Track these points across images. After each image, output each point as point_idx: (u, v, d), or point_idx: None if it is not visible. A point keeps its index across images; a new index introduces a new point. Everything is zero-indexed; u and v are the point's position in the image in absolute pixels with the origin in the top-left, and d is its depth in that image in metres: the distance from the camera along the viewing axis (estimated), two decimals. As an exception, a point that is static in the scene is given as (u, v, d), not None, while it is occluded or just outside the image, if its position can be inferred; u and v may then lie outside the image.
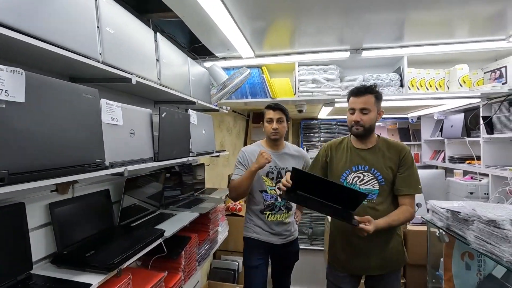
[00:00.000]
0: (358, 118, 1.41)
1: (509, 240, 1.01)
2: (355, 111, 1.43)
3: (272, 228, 1.82)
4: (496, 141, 2.64)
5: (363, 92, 1.42)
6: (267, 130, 1.81)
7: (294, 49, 2.33)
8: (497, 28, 1.98)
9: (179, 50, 1.68)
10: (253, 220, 1.87)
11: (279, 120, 1.79)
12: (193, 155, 1.74)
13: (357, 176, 1.48)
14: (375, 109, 1.43)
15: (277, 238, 1.84)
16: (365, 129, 1.43)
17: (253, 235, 1.85)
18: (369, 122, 1.42)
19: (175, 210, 1.82)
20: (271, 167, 1.82)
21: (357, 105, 1.42)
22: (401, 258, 1.52)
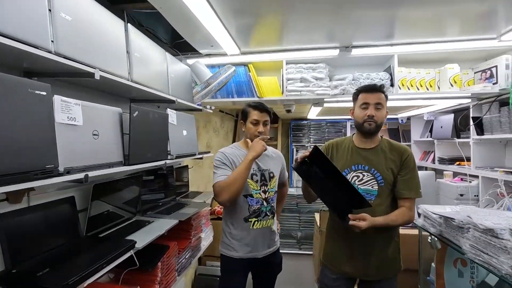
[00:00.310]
0: (373, 113, 1.39)
1: (508, 251, 0.93)
2: (369, 106, 1.40)
3: (257, 238, 1.62)
4: (486, 142, 2.61)
5: (377, 90, 1.42)
6: (251, 132, 1.64)
7: (282, 46, 2.23)
8: (488, 26, 1.93)
9: (156, 45, 1.56)
10: (232, 233, 1.62)
11: (265, 122, 1.66)
12: (171, 157, 1.61)
13: (356, 175, 1.45)
14: (385, 107, 1.43)
15: (261, 250, 1.64)
16: (377, 125, 1.41)
17: (233, 254, 1.61)
18: (381, 119, 1.42)
19: (153, 217, 1.69)
20: (254, 169, 1.66)
21: (372, 100, 1.40)
22: (396, 266, 1.47)
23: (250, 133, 1.64)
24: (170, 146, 1.61)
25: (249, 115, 1.65)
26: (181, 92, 1.86)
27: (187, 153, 1.86)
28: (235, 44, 2.11)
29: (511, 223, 0.97)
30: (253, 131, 1.63)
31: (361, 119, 1.43)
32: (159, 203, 1.93)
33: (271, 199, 1.68)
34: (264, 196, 1.65)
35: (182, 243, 1.84)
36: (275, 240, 1.73)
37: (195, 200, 2.20)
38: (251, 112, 1.64)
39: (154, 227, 1.53)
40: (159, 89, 1.51)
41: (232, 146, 1.72)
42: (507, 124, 2.30)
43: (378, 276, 1.42)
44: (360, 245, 1.42)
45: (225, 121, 4.00)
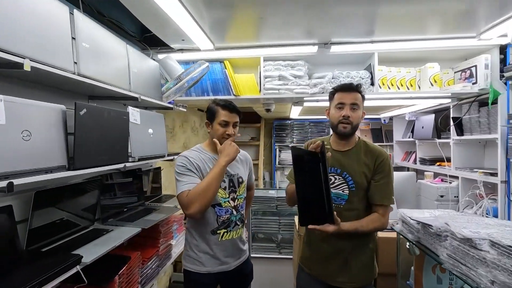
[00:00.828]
0: (349, 113, 1.32)
1: (487, 264, 0.85)
2: (345, 106, 1.33)
3: (227, 250, 1.46)
4: (465, 142, 2.59)
5: (353, 89, 1.35)
6: (219, 134, 1.44)
7: (259, 41, 2.13)
8: (468, 25, 1.89)
9: (114, 36, 1.42)
10: (199, 247, 1.44)
11: (235, 124, 1.48)
12: (133, 160, 1.48)
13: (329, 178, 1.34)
14: (361, 108, 1.37)
15: (231, 262, 1.48)
16: (353, 127, 1.34)
17: (201, 269, 1.43)
18: (357, 120, 1.35)
19: (114, 225, 1.55)
20: None
21: (348, 100, 1.33)
22: (371, 273, 1.42)
23: (218, 135, 1.44)
24: (132, 147, 1.47)
25: (217, 115, 1.45)
26: (147, 89, 1.72)
27: (154, 154, 1.73)
28: (208, 39, 1.99)
29: (490, 232, 0.89)
30: (221, 133, 1.44)
31: (336, 119, 1.35)
32: (124, 209, 1.79)
33: (240, 206, 1.54)
34: (234, 204, 1.49)
35: (148, 252, 1.71)
36: (245, 250, 1.59)
37: (166, 205, 2.06)
38: (219, 111, 1.44)
39: (112, 236, 1.39)
40: (117, 85, 1.36)
41: (196, 148, 1.51)
42: (486, 125, 2.28)
43: (351, 283, 1.36)
44: (333, 250, 1.37)
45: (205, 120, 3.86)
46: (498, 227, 1.00)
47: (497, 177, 2.12)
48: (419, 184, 3.01)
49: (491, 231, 0.91)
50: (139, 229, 1.50)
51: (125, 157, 1.42)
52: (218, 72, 2.33)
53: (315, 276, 1.43)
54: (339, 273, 1.37)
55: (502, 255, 0.79)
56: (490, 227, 1.00)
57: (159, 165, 2.38)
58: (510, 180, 2.04)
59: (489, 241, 0.85)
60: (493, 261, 0.82)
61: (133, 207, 1.88)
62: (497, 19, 1.78)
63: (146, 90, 1.72)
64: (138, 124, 1.55)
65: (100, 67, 1.26)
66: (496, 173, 2.13)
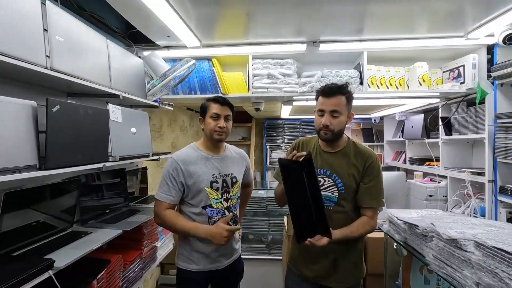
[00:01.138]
0: (328, 122, 1.26)
1: (472, 265, 0.83)
2: (325, 114, 1.28)
3: (219, 250, 1.45)
4: (454, 142, 2.60)
5: (335, 92, 1.26)
6: (210, 128, 1.41)
7: (248, 39, 2.09)
8: (456, 24, 1.89)
9: (93, 31, 1.36)
10: (192, 245, 1.43)
11: (227, 117, 1.45)
12: (114, 159, 1.42)
13: (318, 180, 1.34)
14: (345, 111, 1.29)
15: (222, 261, 1.48)
16: (334, 133, 1.29)
17: (192, 267, 1.43)
18: (339, 126, 1.28)
19: (94, 227, 1.49)
20: (215, 176, 1.44)
21: (328, 106, 1.27)
22: (359, 273, 1.40)
23: (209, 128, 1.41)
24: (112, 146, 1.41)
25: (208, 109, 1.43)
26: (130, 86, 1.66)
27: (137, 154, 1.67)
28: (194, 36, 1.94)
29: (476, 232, 0.87)
30: (213, 126, 1.40)
31: (317, 126, 1.31)
32: (107, 210, 1.73)
33: (233, 207, 1.51)
34: (226, 205, 1.47)
35: (131, 255, 1.65)
36: (236, 248, 1.58)
37: (151, 206, 1.99)
38: (210, 105, 1.43)
39: (90, 239, 1.33)
40: (96, 81, 1.31)
41: (190, 146, 1.51)
42: (474, 124, 2.29)
43: (340, 283, 1.35)
44: (322, 251, 1.33)
45: (195, 120, 3.80)
46: (484, 227, 0.98)
47: (484, 177, 2.12)
48: (409, 183, 3.01)
49: (476, 232, 0.89)
50: (120, 231, 1.44)
51: (105, 156, 1.37)
52: (205, 70, 2.29)
53: (304, 277, 1.41)
54: (328, 273, 1.36)
55: (487, 256, 0.77)
56: (476, 227, 0.98)
57: (145, 165, 2.32)
58: (497, 180, 2.05)
59: (474, 242, 0.83)
60: (478, 263, 0.80)
61: (117, 208, 1.82)
62: (484, 18, 1.78)
63: (129, 88, 1.67)
64: (119, 123, 1.49)
65: (77, 62, 1.20)
66: (484, 172, 2.14)
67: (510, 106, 2.04)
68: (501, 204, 2.04)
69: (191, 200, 1.43)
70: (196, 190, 1.41)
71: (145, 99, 1.83)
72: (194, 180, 1.40)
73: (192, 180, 1.40)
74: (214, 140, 1.45)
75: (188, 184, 1.40)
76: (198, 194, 1.41)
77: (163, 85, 1.84)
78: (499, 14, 1.71)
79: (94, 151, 1.29)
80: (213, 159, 1.48)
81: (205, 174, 1.42)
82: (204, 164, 1.44)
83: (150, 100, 1.93)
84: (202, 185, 1.41)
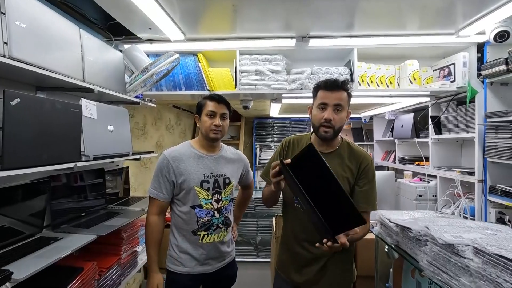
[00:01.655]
0: (331, 116, 1.17)
1: (470, 273, 0.77)
2: (327, 107, 1.19)
3: (208, 253, 1.42)
4: (444, 141, 2.58)
5: (339, 87, 1.19)
6: (206, 126, 1.39)
7: (235, 33, 2.00)
8: (447, 21, 1.86)
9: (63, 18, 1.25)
10: (180, 246, 1.41)
11: (223, 116, 1.43)
12: (87, 158, 1.31)
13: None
14: (346, 108, 1.23)
15: (213, 264, 1.44)
16: (335, 131, 1.21)
17: (181, 269, 1.40)
18: (340, 123, 1.21)
19: (66, 232, 1.38)
20: (206, 175, 1.42)
21: (332, 100, 1.18)
22: (350, 277, 1.35)
23: (205, 127, 1.40)
24: (85, 145, 1.30)
25: (204, 107, 1.42)
26: (107, 80, 1.55)
27: (115, 153, 1.56)
28: (178, 29, 1.85)
29: (474, 237, 0.82)
30: (209, 125, 1.39)
31: (318, 122, 1.22)
32: (82, 213, 1.61)
33: (224, 209, 1.47)
34: (216, 206, 1.43)
35: (108, 261, 1.54)
36: (229, 251, 1.53)
37: (132, 208, 1.89)
38: (206, 103, 1.42)
39: (59, 246, 1.22)
40: (66, 74, 1.20)
41: (184, 144, 1.49)
42: (464, 124, 2.27)
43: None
44: (312, 257, 1.29)
45: (182, 118, 3.69)
46: (480, 230, 0.93)
47: (474, 176, 2.10)
48: (398, 183, 2.99)
49: (474, 236, 0.83)
50: (93, 236, 1.33)
51: (76, 155, 1.26)
52: (191, 66, 2.19)
53: (293, 283, 1.34)
54: (318, 278, 1.29)
55: (488, 264, 0.71)
56: (472, 230, 0.93)
57: (127, 165, 2.21)
58: (487, 180, 2.03)
59: (472, 247, 0.77)
60: (477, 270, 0.74)
61: (94, 211, 1.70)
62: (475, 15, 1.75)
63: (107, 82, 1.56)
64: (94, 119, 1.38)
65: (43, 52, 1.09)
66: (473, 172, 2.11)
67: (500, 105, 2.02)
68: (491, 204, 2.02)
69: (181, 198, 1.41)
70: (185, 189, 1.38)
71: (125, 94, 1.72)
72: (184, 178, 1.37)
73: (182, 178, 1.37)
74: (210, 139, 1.42)
75: (178, 182, 1.38)
76: (187, 193, 1.39)
77: (144, 80, 1.73)
78: (490, 11, 1.68)
79: (64, 150, 1.18)
80: (207, 158, 1.45)
81: (195, 173, 1.39)
82: (196, 162, 1.42)
83: (131, 96, 1.82)
84: (192, 184, 1.38)
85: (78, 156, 1.27)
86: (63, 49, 1.23)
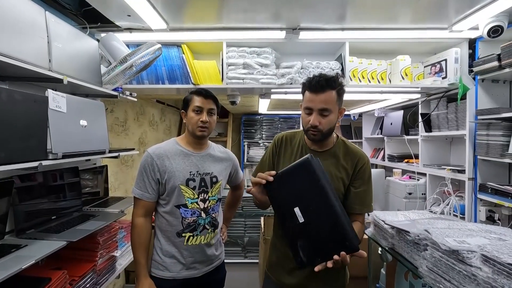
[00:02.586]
0: (316, 122, 1.10)
1: (477, 282, 0.70)
2: (313, 112, 1.11)
3: (194, 256, 1.34)
4: (433, 139, 2.56)
5: (324, 87, 1.08)
6: (193, 122, 1.33)
7: (222, 23, 1.89)
8: (440, 16, 1.81)
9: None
10: (163, 249, 1.34)
11: (210, 111, 1.36)
12: (54, 156, 1.18)
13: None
14: (336, 108, 1.12)
15: (199, 268, 1.37)
16: (323, 134, 1.13)
17: (165, 274, 1.33)
18: (328, 125, 1.12)
19: (32, 238, 1.24)
20: (193, 173, 1.35)
21: (316, 104, 1.10)
22: (342, 279, 1.28)
23: (192, 123, 1.34)
24: (52, 141, 1.17)
25: (191, 102, 1.35)
26: (80, 70, 1.41)
27: (90, 150, 1.43)
28: (160, 17, 1.71)
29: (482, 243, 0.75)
30: (195, 121, 1.33)
31: (305, 125, 1.15)
32: (53, 216, 1.47)
33: (211, 209, 1.39)
34: (203, 206, 1.36)
35: (81, 268, 1.41)
36: (218, 254, 1.45)
37: (109, 210, 1.76)
38: (192, 98, 1.35)
39: (22, 255, 1.09)
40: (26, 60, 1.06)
41: (170, 141, 1.42)
42: (454, 121, 2.24)
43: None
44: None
45: (166, 114, 3.54)
46: (483, 233, 0.87)
47: (464, 174, 2.08)
48: (388, 181, 2.96)
49: (480, 241, 0.77)
50: (63, 242, 1.20)
51: (42, 153, 1.12)
52: (174, 58, 2.06)
53: (282, 285, 1.28)
54: (309, 282, 1.21)
55: (499, 274, 0.65)
56: (475, 234, 0.86)
57: (105, 163, 2.06)
58: (477, 177, 2.01)
59: (481, 255, 0.70)
60: (486, 280, 0.68)
61: (66, 214, 1.56)
62: (469, 9, 1.70)
63: (80, 73, 1.42)
64: (63, 113, 1.24)
65: (-2, 34, 0.95)
66: (464, 170, 2.09)
67: (491, 102, 2.00)
68: (481, 202, 2.00)
69: (165, 198, 1.34)
70: (170, 188, 1.32)
71: (101, 87, 1.58)
72: (169, 176, 1.31)
73: (167, 176, 1.31)
74: (197, 136, 1.36)
75: (162, 181, 1.32)
76: (172, 192, 1.32)
77: (122, 71, 1.59)
78: (484, 5, 1.63)
79: (26, 147, 1.05)
80: (193, 155, 1.38)
81: (181, 171, 1.33)
82: (182, 160, 1.35)
83: (108, 89, 1.67)
84: (177, 182, 1.32)
85: (43, 154, 1.14)
86: (24, 32, 1.08)
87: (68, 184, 1.60)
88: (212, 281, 1.43)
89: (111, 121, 2.28)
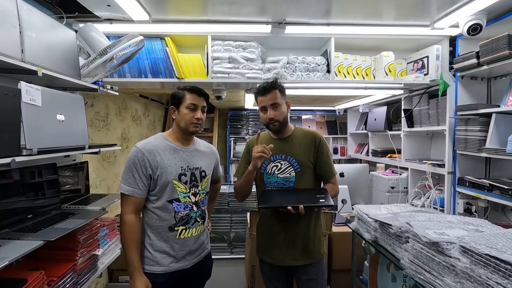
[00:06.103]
0: (272, 115, 1.42)
1: (456, 272, 0.72)
2: (267, 109, 1.43)
3: (185, 249, 1.37)
4: (415, 134, 2.62)
5: (269, 89, 1.42)
6: (186, 119, 1.35)
7: (207, 16, 1.85)
8: (423, 13, 1.85)
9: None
10: (154, 245, 1.35)
11: (203, 109, 1.41)
12: (28, 153, 1.12)
13: (275, 165, 1.49)
14: (283, 102, 1.46)
15: (189, 260, 1.40)
16: (280, 123, 1.45)
17: (156, 269, 1.34)
18: (282, 115, 1.45)
19: (5, 238, 1.17)
20: (183, 168, 1.37)
21: (267, 102, 1.43)
22: (321, 248, 1.53)
23: (186, 120, 1.36)
24: (26, 136, 1.11)
25: (184, 99, 1.37)
26: (56, 62, 1.34)
27: (68, 146, 1.37)
28: (141, 7, 1.66)
29: (460, 234, 0.77)
30: (190, 118, 1.36)
31: (265, 121, 1.47)
32: (29, 215, 1.41)
33: (201, 202, 1.45)
34: (194, 200, 1.40)
35: (60, 268, 1.35)
36: (205, 244, 1.50)
37: (90, 207, 1.70)
38: (186, 95, 1.37)
39: (-6, 256, 1.03)
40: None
41: (157, 136, 1.43)
42: (435, 117, 2.30)
43: (307, 260, 1.45)
44: (285, 232, 1.45)
45: (150, 109, 3.46)
46: (461, 225, 0.89)
47: (444, 168, 2.15)
48: (371, 176, 3.02)
49: (459, 233, 0.79)
50: (40, 242, 1.15)
51: (15, 149, 1.06)
52: (158, 51, 2.00)
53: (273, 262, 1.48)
54: (293, 251, 1.44)
55: (476, 265, 0.67)
56: (454, 226, 0.89)
57: (86, 159, 1.99)
58: (456, 171, 2.08)
59: (459, 246, 0.72)
60: (464, 271, 0.70)
61: (44, 212, 1.50)
62: (449, 8, 1.75)
63: (56, 65, 1.34)
64: (38, 107, 1.18)
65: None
66: (444, 164, 2.16)
67: (470, 98, 2.07)
68: (459, 195, 2.07)
69: (156, 193, 1.34)
70: (163, 183, 1.32)
71: (79, 79, 1.51)
72: (160, 171, 1.32)
73: (159, 171, 1.32)
74: (189, 132, 1.39)
75: (154, 177, 1.32)
76: (164, 187, 1.33)
77: (101, 63, 1.53)
78: (463, 3, 1.68)
79: (-4, 142, 0.99)
80: (182, 151, 1.41)
81: (173, 166, 1.35)
82: (172, 155, 1.37)
83: (87, 82, 1.61)
84: (169, 178, 1.33)
85: (17, 150, 1.08)
86: (-8, 20, 1.01)
87: (45, 181, 1.53)
88: (201, 270, 1.48)
89: (91, 116, 2.20)
